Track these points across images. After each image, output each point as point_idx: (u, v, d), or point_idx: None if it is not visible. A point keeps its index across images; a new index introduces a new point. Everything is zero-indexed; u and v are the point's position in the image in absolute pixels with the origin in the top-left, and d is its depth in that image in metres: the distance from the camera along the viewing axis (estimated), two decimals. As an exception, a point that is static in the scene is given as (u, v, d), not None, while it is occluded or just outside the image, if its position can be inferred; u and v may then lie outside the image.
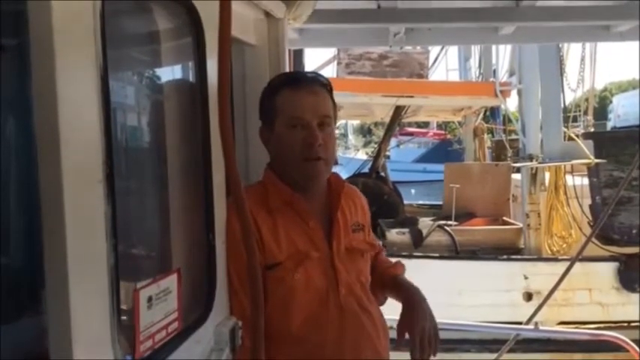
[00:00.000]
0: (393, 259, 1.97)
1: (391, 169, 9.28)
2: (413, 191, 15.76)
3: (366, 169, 8.39)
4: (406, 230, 6.63)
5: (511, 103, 8.56)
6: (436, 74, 10.30)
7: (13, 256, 0.99)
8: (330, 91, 1.71)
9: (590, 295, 5.88)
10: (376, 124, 19.74)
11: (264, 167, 1.74)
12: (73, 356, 0.85)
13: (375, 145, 10.78)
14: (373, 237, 1.91)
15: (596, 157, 5.97)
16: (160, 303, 1.12)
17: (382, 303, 1.88)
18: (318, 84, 1.69)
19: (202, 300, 1.38)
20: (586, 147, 6.08)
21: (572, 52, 8.30)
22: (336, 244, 1.67)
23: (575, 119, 9.52)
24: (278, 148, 1.68)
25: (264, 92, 1.73)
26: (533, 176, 6.50)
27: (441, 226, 6.66)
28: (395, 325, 1.70)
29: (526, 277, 5.93)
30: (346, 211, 1.74)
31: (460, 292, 5.81)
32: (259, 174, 1.77)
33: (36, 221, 0.86)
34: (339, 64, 8.28)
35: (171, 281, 1.17)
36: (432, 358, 1.65)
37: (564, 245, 6.28)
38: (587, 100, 9.99)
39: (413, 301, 1.72)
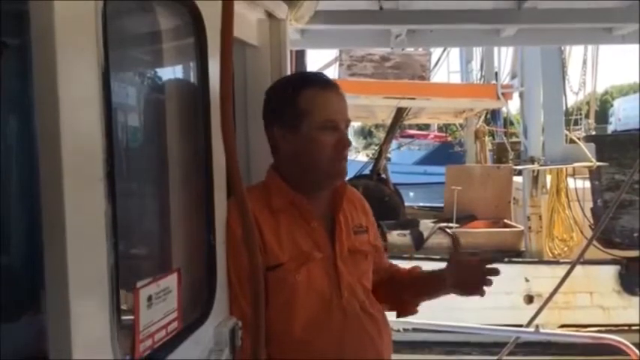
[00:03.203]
0: (395, 262, 1.97)
1: (392, 171, 9.27)
2: (412, 194, 15.63)
3: (367, 171, 8.38)
4: (407, 232, 6.63)
5: (512, 106, 8.57)
6: (438, 76, 10.33)
7: (13, 255, 0.99)
8: None
9: (591, 298, 5.88)
10: (377, 126, 19.71)
11: (267, 168, 1.73)
12: (72, 356, 0.85)
13: (376, 147, 10.77)
14: (377, 235, 1.90)
15: (598, 160, 5.97)
16: (159, 302, 1.12)
17: (414, 311, 1.88)
18: (337, 86, 1.69)
19: (202, 300, 1.38)
20: (588, 150, 6.08)
21: (574, 55, 8.32)
22: (339, 246, 1.66)
23: (576, 122, 9.54)
24: (303, 150, 1.62)
25: (282, 93, 1.67)
26: (535, 179, 6.50)
27: (442, 228, 6.66)
28: (395, 327, 1.70)
29: (527, 280, 5.92)
30: (347, 214, 1.73)
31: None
32: (260, 175, 1.76)
33: (36, 220, 0.85)
34: (340, 65, 8.27)
35: (171, 281, 1.17)
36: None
37: (565, 248, 6.29)
38: (588, 103, 10.00)
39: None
